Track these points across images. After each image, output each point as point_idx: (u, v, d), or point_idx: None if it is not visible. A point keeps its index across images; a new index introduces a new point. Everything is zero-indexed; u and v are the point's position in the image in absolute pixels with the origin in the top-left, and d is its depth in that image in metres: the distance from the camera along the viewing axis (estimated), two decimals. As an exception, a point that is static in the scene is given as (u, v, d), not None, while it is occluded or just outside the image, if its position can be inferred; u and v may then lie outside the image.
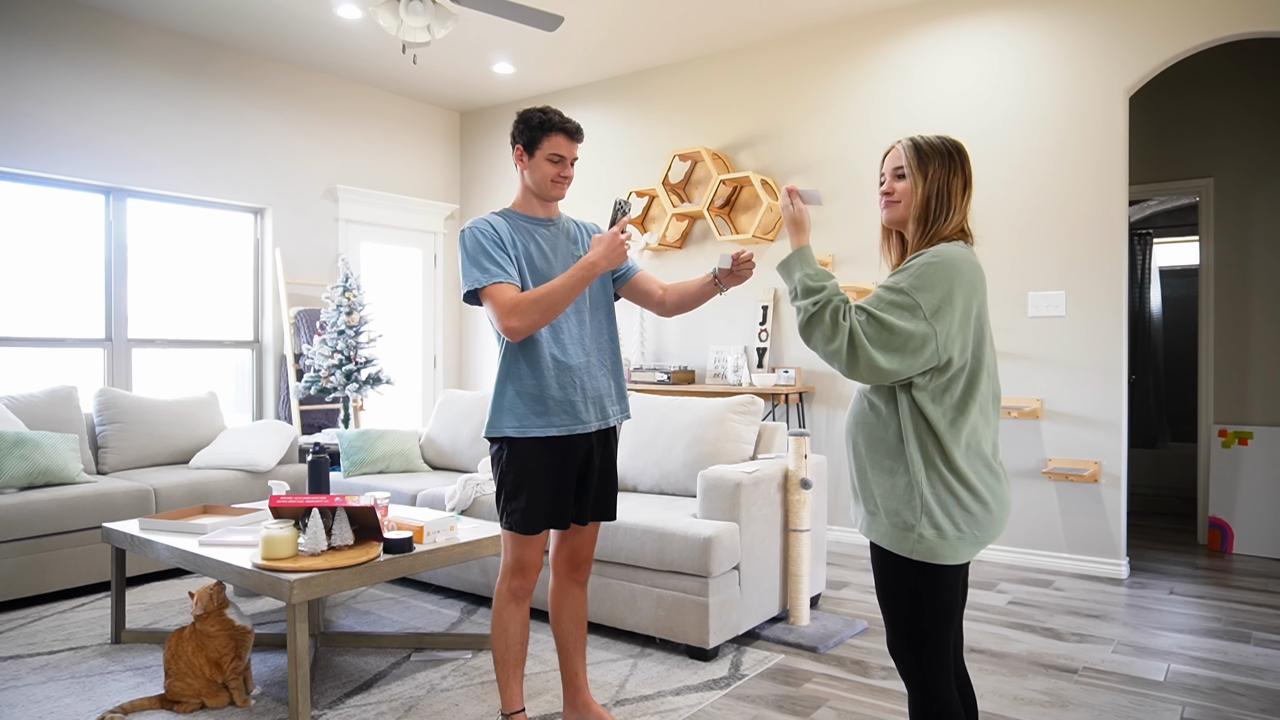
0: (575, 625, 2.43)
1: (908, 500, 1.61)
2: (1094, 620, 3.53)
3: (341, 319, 5.23)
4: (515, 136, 2.29)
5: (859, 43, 4.98)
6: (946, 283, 1.58)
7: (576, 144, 2.29)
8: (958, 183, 1.69)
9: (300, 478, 4.65)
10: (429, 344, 6.85)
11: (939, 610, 1.64)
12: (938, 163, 1.69)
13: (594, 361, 2.29)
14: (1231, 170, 5.10)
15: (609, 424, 2.33)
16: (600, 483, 2.35)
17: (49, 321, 4.82)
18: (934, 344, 1.57)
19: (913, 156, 1.70)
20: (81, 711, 2.60)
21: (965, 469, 1.62)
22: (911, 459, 1.62)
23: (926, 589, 1.64)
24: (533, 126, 2.24)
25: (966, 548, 1.63)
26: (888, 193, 1.74)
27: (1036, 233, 4.42)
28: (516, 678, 2.30)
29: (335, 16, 5.01)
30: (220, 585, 2.65)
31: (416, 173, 6.72)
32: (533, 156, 2.26)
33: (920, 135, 1.73)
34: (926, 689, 1.65)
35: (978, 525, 1.63)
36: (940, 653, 1.66)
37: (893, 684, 2.84)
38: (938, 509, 1.60)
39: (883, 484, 1.66)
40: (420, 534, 2.85)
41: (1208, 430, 5.05)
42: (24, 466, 3.80)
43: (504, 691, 2.30)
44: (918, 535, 1.60)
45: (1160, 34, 4.11)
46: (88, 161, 4.85)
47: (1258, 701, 2.71)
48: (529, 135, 2.25)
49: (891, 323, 1.56)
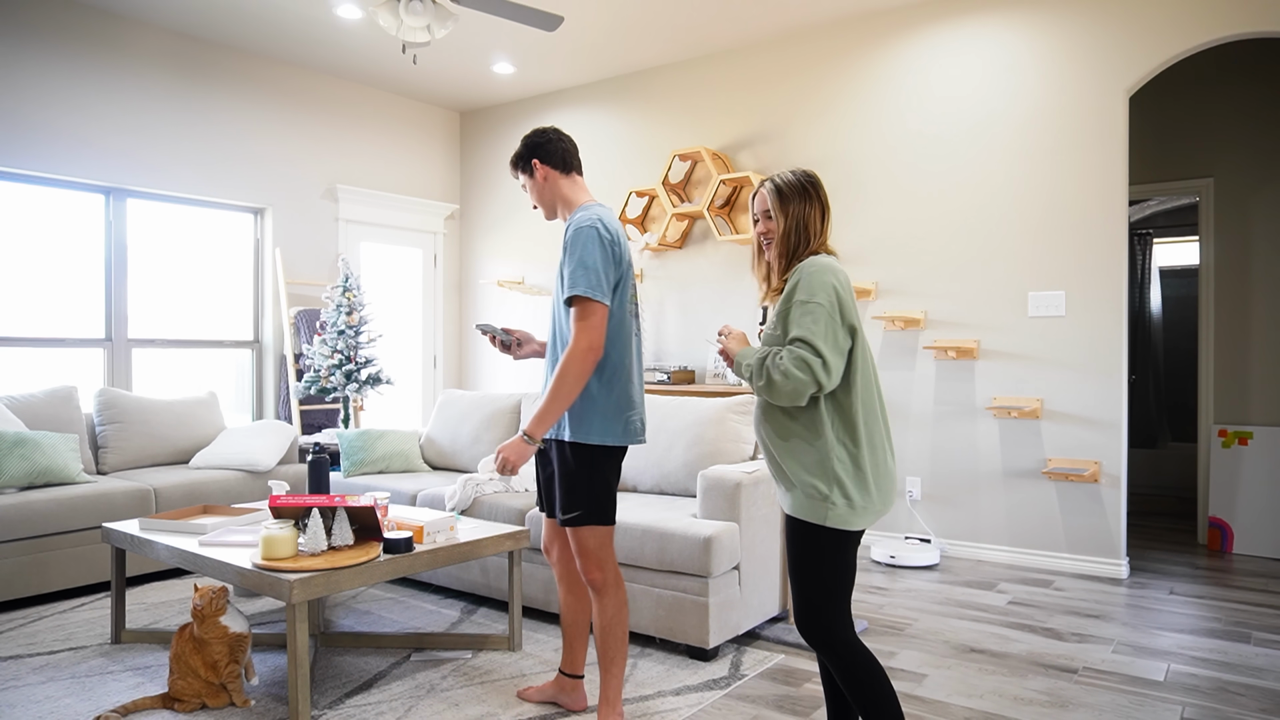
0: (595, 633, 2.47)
1: (821, 473, 1.86)
2: (1094, 620, 3.53)
3: (341, 319, 5.23)
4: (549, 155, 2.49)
5: (860, 43, 4.98)
6: (823, 277, 1.87)
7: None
8: (815, 213, 1.96)
9: (300, 478, 4.65)
10: (429, 344, 6.85)
11: (846, 572, 1.91)
12: (796, 200, 1.96)
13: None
14: (1231, 170, 5.10)
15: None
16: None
17: (49, 321, 4.82)
18: (841, 319, 1.85)
19: (775, 199, 1.98)
20: (81, 711, 2.60)
21: (865, 446, 1.87)
22: (825, 437, 1.87)
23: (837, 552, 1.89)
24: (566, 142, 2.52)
25: (869, 516, 1.88)
26: (764, 233, 2.02)
27: (1036, 232, 4.42)
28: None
29: (335, 16, 5.01)
30: (223, 590, 2.65)
31: (416, 173, 6.72)
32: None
33: (779, 176, 1.99)
34: (846, 643, 1.87)
35: (873, 497, 1.88)
36: (848, 611, 1.91)
37: (893, 684, 2.84)
38: (848, 480, 1.85)
39: (798, 460, 1.89)
40: (420, 534, 2.85)
41: (1208, 430, 5.05)
42: (24, 466, 3.80)
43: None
44: (830, 503, 1.84)
45: (1160, 34, 4.11)
46: (88, 161, 4.85)
47: (1258, 701, 2.71)
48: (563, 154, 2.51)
49: (816, 327, 1.82)
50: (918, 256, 4.78)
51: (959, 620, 3.53)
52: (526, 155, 2.48)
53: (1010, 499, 4.49)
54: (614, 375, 2.31)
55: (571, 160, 2.50)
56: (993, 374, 4.54)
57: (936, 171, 4.72)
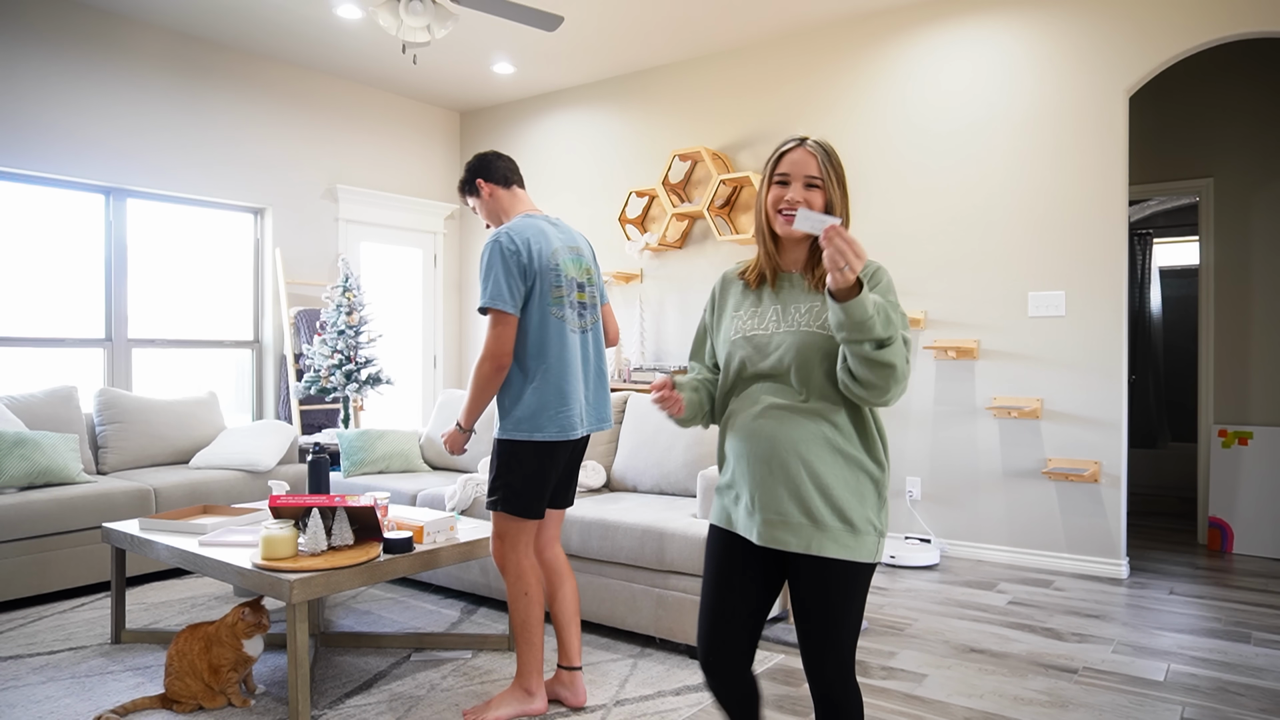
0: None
1: (876, 507, 1.58)
2: (1094, 620, 3.53)
3: (341, 319, 5.23)
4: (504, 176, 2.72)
5: (860, 42, 4.98)
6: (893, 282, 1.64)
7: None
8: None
9: (300, 478, 4.65)
10: (429, 344, 6.85)
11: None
12: (839, 173, 1.65)
13: None
14: (1231, 170, 5.10)
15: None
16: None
17: (49, 321, 4.82)
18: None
19: (828, 164, 1.63)
20: (81, 711, 2.60)
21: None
22: (878, 462, 1.60)
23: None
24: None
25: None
26: (802, 202, 1.60)
27: (1036, 232, 4.42)
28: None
29: (335, 16, 5.01)
30: (264, 614, 2.65)
31: (416, 173, 6.72)
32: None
33: (820, 140, 1.66)
34: (855, 682, 1.63)
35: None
36: None
37: (892, 684, 2.85)
38: (884, 507, 1.61)
39: (854, 495, 1.56)
40: (420, 534, 2.85)
41: (1208, 430, 5.05)
42: (24, 466, 3.80)
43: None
44: (880, 535, 1.58)
45: (1160, 34, 4.11)
46: (88, 161, 4.85)
47: (1258, 701, 2.71)
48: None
49: (907, 335, 1.56)
50: (918, 256, 4.78)
51: (959, 620, 3.53)
52: (471, 178, 2.71)
53: (1010, 499, 4.49)
54: (546, 374, 2.47)
55: (512, 176, 2.72)
56: (993, 374, 4.54)
57: (937, 171, 4.72)
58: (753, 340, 1.62)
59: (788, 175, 1.62)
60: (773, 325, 1.62)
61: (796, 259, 1.68)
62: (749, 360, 1.62)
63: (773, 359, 1.59)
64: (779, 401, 1.58)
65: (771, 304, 1.65)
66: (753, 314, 1.66)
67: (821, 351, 1.56)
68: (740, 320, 1.67)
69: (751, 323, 1.65)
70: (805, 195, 1.60)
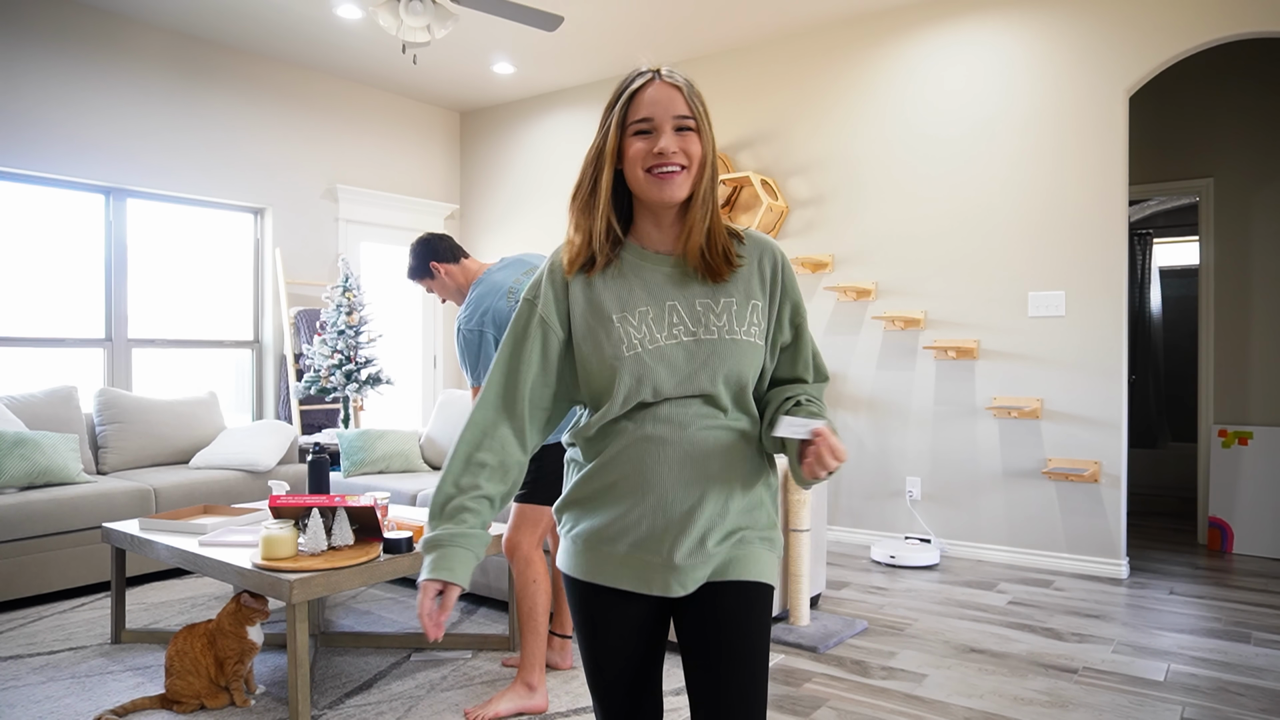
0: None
1: (774, 519, 1.37)
2: (1094, 620, 3.53)
3: (341, 319, 5.23)
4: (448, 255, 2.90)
5: (860, 42, 4.98)
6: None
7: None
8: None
9: (300, 478, 4.65)
10: (429, 344, 6.85)
11: None
12: (705, 105, 1.33)
13: None
14: (1231, 170, 5.10)
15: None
16: None
17: (49, 321, 4.82)
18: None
19: (694, 97, 1.31)
20: (81, 711, 2.60)
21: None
22: (772, 470, 1.39)
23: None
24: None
25: None
26: (676, 152, 1.25)
27: (1036, 232, 4.42)
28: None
29: (335, 16, 5.01)
30: (264, 600, 2.67)
31: (416, 173, 6.72)
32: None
33: (680, 73, 1.32)
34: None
35: None
36: None
37: (892, 684, 2.85)
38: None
39: (765, 509, 1.35)
40: (420, 534, 2.85)
41: (1208, 430, 5.05)
42: (24, 466, 3.80)
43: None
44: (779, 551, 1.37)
45: (1160, 34, 4.11)
46: (87, 161, 4.85)
47: (1258, 701, 2.71)
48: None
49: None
50: (918, 256, 4.78)
51: (959, 620, 3.53)
52: (423, 264, 2.88)
53: (1010, 499, 4.49)
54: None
55: (457, 250, 2.92)
56: (993, 374, 4.54)
57: (937, 171, 4.72)
58: (660, 355, 1.26)
59: (651, 120, 1.26)
60: (682, 332, 1.27)
61: (664, 237, 1.32)
62: (659, 383, 1.25)
63: (700, 378, 1.26)
64: (708, 424, 1.28)
65: (662, 303, 1.28)
66: (642, 319, 1.27)
67: (756, 364, 1.31)
68: (629, 329, 1.27)
69: (646, 331, 1.27)
70: (681, 144, 1.26)
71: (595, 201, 1.29)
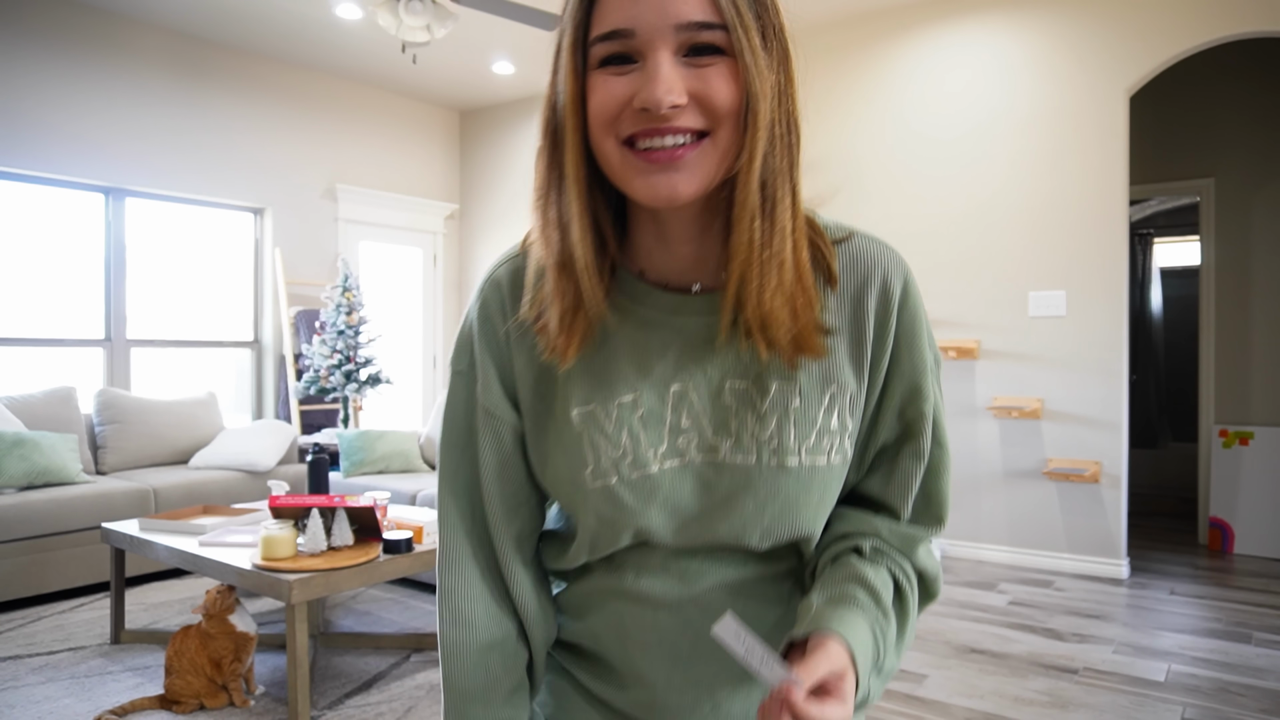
0: None
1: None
2: (1094, 620, 3.53)
3: (341, 319, 5.23)
4: None
5: (859, 42, 4.98)
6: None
7: None
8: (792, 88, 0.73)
9: (300, 478, 4.65)
10: (429, 344, 6.84)
11: None
12: (783, 59, 0.71)
13: None
14: (1231, 170, 5.09)
15: None
16: None
17: (48, 321, 4.82)
18: None
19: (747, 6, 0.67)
20: (81, 711, 2.59)
21: None
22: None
23: None
24: None
25: None
26: (667, 122, 0.66)
27: (1037, 233, 4.41)
28: None
29: (335, 16, 5.00)
30: (230, 589, 2.65)
31: (416, 173, 6.72)
32: None
33: None
34: None
35: None
36: None
37: (892, 684, 2.84)
38: None
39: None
40: (420, 534, 2.85)
41: (1208, 430, 5.05)
42: (23, 466, 3.80)
43: None
44: None
45: (1160, 34, 4.11)
46: (87, 161, 4.85)
47: (1258, 702, 2.71)
48: None
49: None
50: (918, 256, 4.78)
51: (959, 620, 3.53)
52: None
53: (1011, 499, 4.48)
54: None
55: None
56: (993, 374, 4.54)
57: (937, 172, 4.71)
58: (651, 489, 0.75)
59: (628, 32, 0.65)
60: (694, 447, 0.75)
61: (677, 258, 0.77)
62: (650, 530, 0.76)
63: (719, 528, 0.75)
64: (728, 576, 0.78)
65: (664, 386, 0.75)
66: (624, 420, 0.75)
67: (829, 502, 0.78)
68: (597, 438, 0.76)
69: (628, 444, 0.75)
70: (695, 83, 0.66)
71: (563, 202, 0.71)
